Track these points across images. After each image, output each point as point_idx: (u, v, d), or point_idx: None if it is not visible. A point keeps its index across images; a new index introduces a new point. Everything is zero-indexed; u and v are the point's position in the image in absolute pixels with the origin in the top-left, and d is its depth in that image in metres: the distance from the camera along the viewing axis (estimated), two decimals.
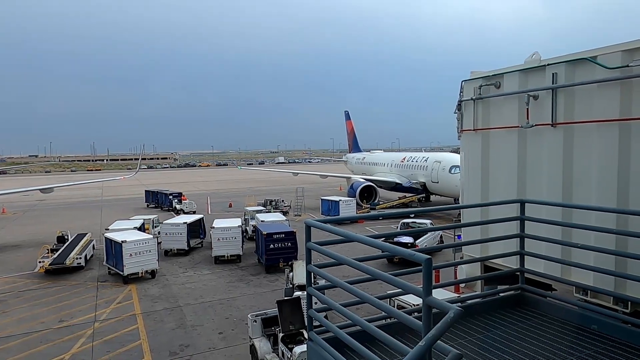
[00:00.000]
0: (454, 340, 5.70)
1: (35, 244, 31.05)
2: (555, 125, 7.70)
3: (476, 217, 9.11)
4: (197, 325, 17.25)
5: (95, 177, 67.98)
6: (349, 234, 5.23)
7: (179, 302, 19.80)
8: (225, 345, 15.44)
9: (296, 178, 65.14)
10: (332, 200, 39.62)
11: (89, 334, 16.54)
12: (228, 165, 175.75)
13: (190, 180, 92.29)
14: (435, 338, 3.18)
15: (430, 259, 3.61)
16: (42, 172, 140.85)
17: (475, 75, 9.51)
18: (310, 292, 5.78)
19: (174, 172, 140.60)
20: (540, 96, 7.95)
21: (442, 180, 41.12)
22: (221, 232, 26.27)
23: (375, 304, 4.50)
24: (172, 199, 48.35)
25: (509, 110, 8.66)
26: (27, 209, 53.86)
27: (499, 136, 9.01)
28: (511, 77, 8.56)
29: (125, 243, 22.44)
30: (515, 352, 5.44)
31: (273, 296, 18.88)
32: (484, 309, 6.77)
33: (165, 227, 29.02)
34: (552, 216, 7.22)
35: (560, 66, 7.55)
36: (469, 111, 9.60)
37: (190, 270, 25.06)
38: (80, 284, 22.79)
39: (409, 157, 50.24)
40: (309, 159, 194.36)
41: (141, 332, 16.65)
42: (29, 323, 17.81)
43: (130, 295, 20.96)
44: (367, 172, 56.73)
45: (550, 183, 7.86)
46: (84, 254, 25.75)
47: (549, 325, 6.22)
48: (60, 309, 19.23)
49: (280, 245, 24.02)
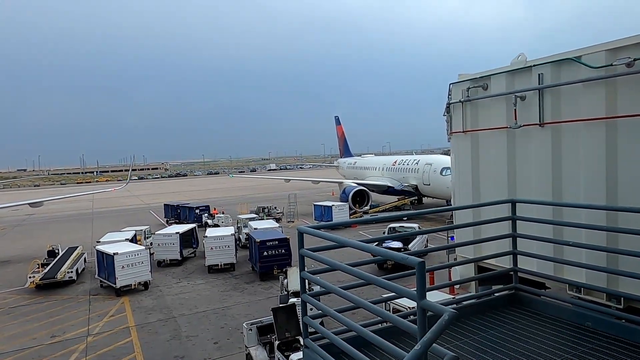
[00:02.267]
0: (449, 342, 5.70)
1: (25, 259, 30.62)
2: (542, 125, 7.77)
3: (468, 218, 9.14)
4: (192, 335, 17.09)
5: (85, 190, 67.39)
6: (341, 240, 5.22)
7: (173, 313, 19.61)
8: (221, 354, 15.30)
9: (288, 184, 65.05)
10: (325, 205, 39.63)
11: (82, 349, 16.31)
12: (220, 173, 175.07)
13: (183, 190, 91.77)
14: (431, 341, 3.17)
15: (424, 262, 3.61)
16: (30, 186, 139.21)
17: (462, 78, 9.59)
18: (305, 299, 5.75)
19: (165, 182, 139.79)
20: (528, 97, 8.03)
21: (434, 183, 41.30)
22: (214, 241, 26.12)
23: (370, 309, 4.49)
24: (199, 213, 42.26)
25: (497, 112, 8.73)
26: (17, 223, 53.18)
27: (488, 137, 9.07)
28: (498, 78, 8.64)
29: (117, 255, 22.21)
30: (511, 351, 5.45)
31: (268, 304, 18.78)
32: (479, 309, 6.78)
33: (158, 238, 28.79)
34: (543, 215, 7.27)
35: (546, 67, 7.64)
36: (458, 113, 9.67)
37: (184, 280, 24.86)
38: (72, 298, 22.50)
39: (400, 160, 50.41)
40: (300, 165, 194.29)
41: (135, 345, 16.45)
42: (20, 339, 17.52)
43: (123, 307, 20.72)
44: (359, 176, 56.82)
45: (540, 182, 7.92)
46: (75, 268, 25.45)
47: (544, 323, 6.25)
48: (52, 324, 18.95)
49: (274, 252, 23.92)
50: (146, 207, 63.38)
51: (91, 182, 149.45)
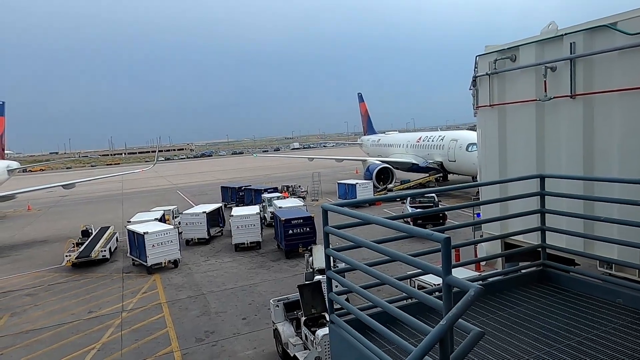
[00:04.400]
0: (475, 319, 5.68)
1: (60, 239, 31.87)
2: (574, 96, 7.49)
3: (495, 195, 8.99)
4: (220, 311, 17.58)
5: (114, 171, 69.12)
6: (366, 216, 5.21)
7: (202, 290, 20.17)
8: (249, 330, 15.73)
9: (312, 163, 65.16)
10: (349, 183, 39.55)
11: (117, 324, 17.02)
12: (244, 153, 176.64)
13: (208, 170, 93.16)
14: (456, 316, 3.16)
15: (449, 238, 3.57)
16: (63, 169, 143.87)
17: (489, 50, 9.29)
18: (330, 276, 5.81)
19: (191, 162, 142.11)
20: (558, 67, 7.74)
21: (460, 159, 40.62)
22: (240, 220, 26.54)
23: (395, 285, 4.49)
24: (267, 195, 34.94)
25: (525, 84, 8.46)
26: (51, 205, 55.20)
27: (516, 111, 8.82)
28: (527, 49, 8.33)
29: (148, 234, 22.86)
30: (538, 327, 5.40)
31: (294, 281, 19.09)
32: (506, 286, 6.72)
33: (185, 217, 29.45)
34: (573, 190, 7.07)
35: (578, 35, 7.31)
36: (485, 87, 9.41)
37: (212, 258, 25.45)
38: (106, 276, 23.39)
39: (424, 136, 49.66)
40: (323, 143, 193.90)
41: (167, 320, 17.05)
42: (59, 315, 18.40)
43: (154, 285, 21.43)
44: (383, 154, 56.34)
45: (570, 156, 7.68)
46: (108, 247, 26.36)
47: (573, 300, 6.15)
48: (88, 301, 19.80)
49: (299, 230, 24.16)
50: (173, 187, 64.73)
51: (120, 164, 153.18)
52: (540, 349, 4.92)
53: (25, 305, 19.83)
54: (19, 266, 26.46)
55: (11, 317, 18.48)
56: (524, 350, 4.93)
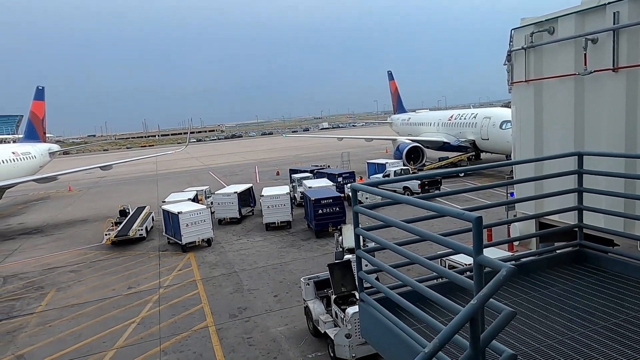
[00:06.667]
0: (508, 299, 5.61)
1: (100, 218, 33.22)
2: (616, 70, 7.13)
3: (530, 173, 8.73)
4: (253, 289, 18.03)
5: (149, 153, 70.93)
6: (395, 196, 5.19)
7: (235, 268, 20.70)
8: (281, 307, 16.09)
9: (341, 143, 64.87)
10: (379, 163, 39.28)
11: (155, 299, 17.74)
12: (273, 133, 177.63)
13: (238, 151, 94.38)
14: (487, 296, 3.13)
15: (481, 217, 3.51)
16: (100, 151, 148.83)
17: (525, 22, 8.91)
18: (360, 255, 5.84)
19: (221, 143, 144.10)
20: (600, 39, 7.35)
21: (493, 137, 39.54)
22: (270, 200, 26.89)
23: (425, 264, 4.48)
24: (342, 181, 32.22)
25: (564, 58, 8.10)
26: (90, 186, 57.40)
27: (554, 86, 8.48)
28: (566, 20, 7.94)
29: (182, 214, 23.51)
30: (573, 308, 5.29)
31: (324, 260, 19.30)
32: (540, 266, 6.58)
33: (217, 197, 30.08)
34: (613, 168, 6.80)
35: (623, 4, 6.91)
36: (520, 61, 9.06)
37: (244, 237, 26.00)
38: (143, 254, 24.30)
39: (456, 114, 48.47)
40: (353, 122, 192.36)
41: (202, 297, 17.64)
42: (101, 290, 19.32)
43: (189, 262, 22.13)
44: (413, 132, 55.47)
45: (611, 133, 7.36)
46: (145, 226, 27.32)
47: (611, 281, 5.97)
48: (127, 277, 20.69)
49: (329, 210, 24.29)
50: (205, 168, 65.98)
51: (154, 146, 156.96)
52: (574, 330, 4.82)
53: (70, 281, 20.91)
54: (63, 244, 27.83)
55: (57, 292, 19.55)
56: (557, 331, 4.85)
